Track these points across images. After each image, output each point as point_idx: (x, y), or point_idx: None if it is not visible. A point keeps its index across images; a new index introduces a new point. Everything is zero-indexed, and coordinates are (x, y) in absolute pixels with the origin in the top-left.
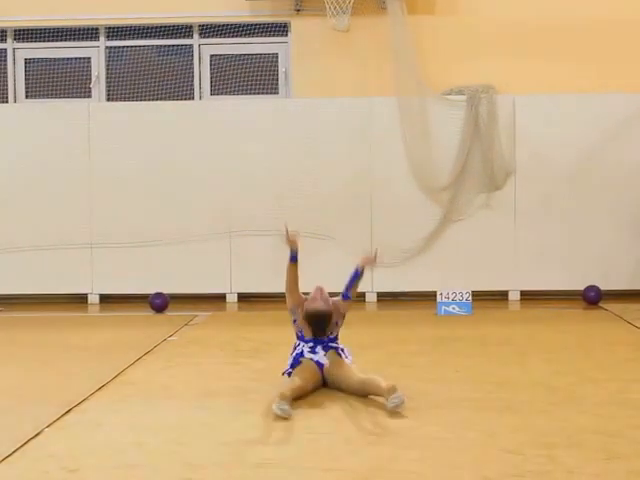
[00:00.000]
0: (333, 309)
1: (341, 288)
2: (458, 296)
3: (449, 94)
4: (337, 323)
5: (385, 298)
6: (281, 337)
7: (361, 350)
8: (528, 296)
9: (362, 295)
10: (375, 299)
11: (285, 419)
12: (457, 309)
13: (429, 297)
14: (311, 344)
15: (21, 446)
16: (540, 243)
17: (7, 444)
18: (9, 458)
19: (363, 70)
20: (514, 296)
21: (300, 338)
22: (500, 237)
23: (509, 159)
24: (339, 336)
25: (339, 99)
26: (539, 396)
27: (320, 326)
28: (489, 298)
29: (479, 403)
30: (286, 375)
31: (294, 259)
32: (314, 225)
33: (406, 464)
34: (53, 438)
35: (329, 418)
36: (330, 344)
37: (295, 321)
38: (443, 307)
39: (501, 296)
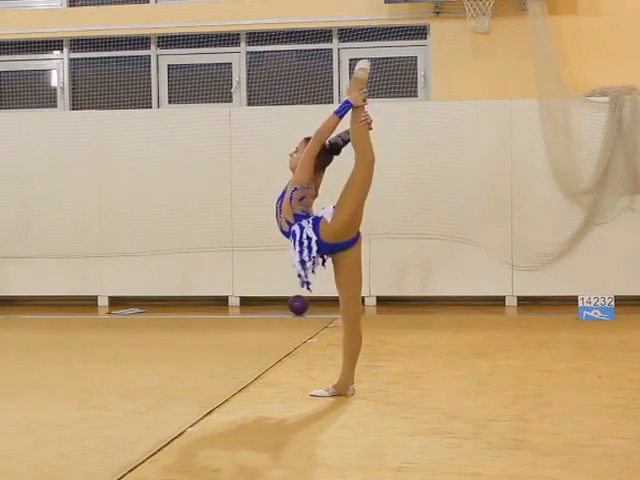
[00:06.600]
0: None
1: (484, 293)
2: (600, 301)
3: (591, 95)
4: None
5: (525, 302)
6: (419, 340)
7: (501, 354)
8: None
9: (502, 299)
10: (515, 303)
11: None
12: (599, 314)
13: (570, 302)
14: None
15: (165, 445)
16: None
17: (152, 443)
18: (154, 457)
19: (504, 72)
20: None
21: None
22: None
23: None
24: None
25: (479, 101)
26: None
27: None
28: (633, 303)
29: (623, 410)
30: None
31: (341, 113)
32: (455, 228)
33: (547, 471)
34: (196, 438)
35: (471, 423)
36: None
37: (303, 198)
38: (585, 312)
39: None
